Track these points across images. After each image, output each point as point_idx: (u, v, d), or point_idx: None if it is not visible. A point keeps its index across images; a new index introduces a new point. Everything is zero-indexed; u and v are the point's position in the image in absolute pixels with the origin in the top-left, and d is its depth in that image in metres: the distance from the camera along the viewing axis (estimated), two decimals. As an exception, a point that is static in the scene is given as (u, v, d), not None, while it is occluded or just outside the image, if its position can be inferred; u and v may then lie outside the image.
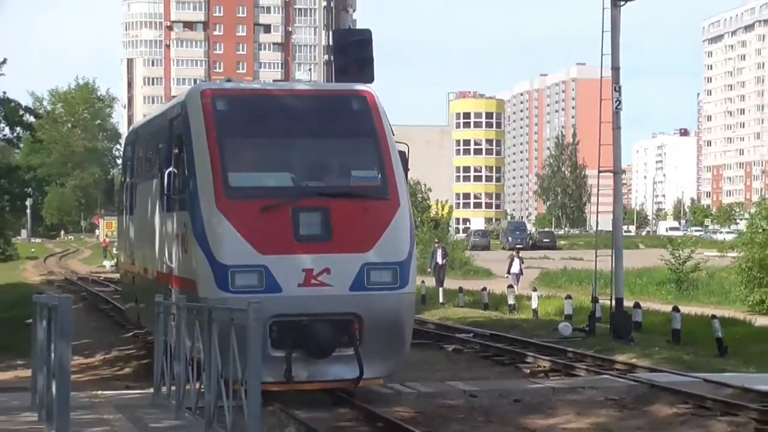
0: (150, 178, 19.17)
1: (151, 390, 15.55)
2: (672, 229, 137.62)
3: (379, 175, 15.99)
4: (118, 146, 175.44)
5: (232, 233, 14.83)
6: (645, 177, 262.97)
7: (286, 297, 14.68)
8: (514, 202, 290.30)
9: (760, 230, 38.73)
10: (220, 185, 15.11)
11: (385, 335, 15.13)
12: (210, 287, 14.73)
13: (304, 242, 15.06)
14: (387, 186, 15.78)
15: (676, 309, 27.50)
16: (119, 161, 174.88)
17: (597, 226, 43.06)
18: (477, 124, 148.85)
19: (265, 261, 14.74)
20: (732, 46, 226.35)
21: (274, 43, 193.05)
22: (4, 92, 33.10)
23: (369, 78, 22.56)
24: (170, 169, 16.45)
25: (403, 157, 16.48)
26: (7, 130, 40.18)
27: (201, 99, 15.97)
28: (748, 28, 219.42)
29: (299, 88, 19.27)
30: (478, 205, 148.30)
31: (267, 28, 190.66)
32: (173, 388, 14.10)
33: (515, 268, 43.27)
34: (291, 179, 16.14)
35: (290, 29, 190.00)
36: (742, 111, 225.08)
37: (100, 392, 16.84)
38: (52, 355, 12.12)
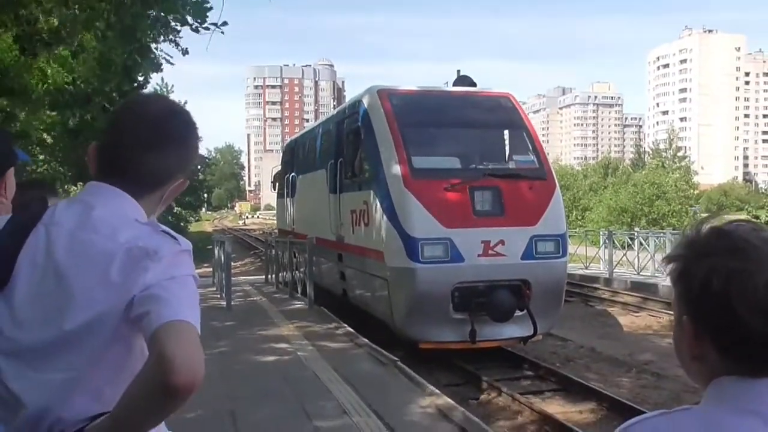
0: (309, 170, 12.27)
1: (263, 276, 15.29)
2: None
3: (536, 160, 9.14)
4: (242, 172, 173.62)
5: (420, 209, 8.16)
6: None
7: (468, 266, 8.07)
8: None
9: None
10: (406, 167, 8.41)
11: (548, 297, 8.48)
12: (400, 258, 8.05)
13: (482, 217, 8.35)
14: (543, 169, 9.00)
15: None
16: (244, 176, 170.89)
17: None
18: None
19: (450, 234, 8.11)
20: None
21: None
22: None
23: None
24: (341, 159, 9.97)
25: None
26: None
27: (378, 96, 9.13)
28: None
29: (455, 91, 10.24)
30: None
31: (308, 121, 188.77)
32: (274, 275, 13.87)
33: None
34: (462, 163, 9.08)
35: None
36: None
37: (242, 277, 16.73)
38: (222, 260, 11.75)
